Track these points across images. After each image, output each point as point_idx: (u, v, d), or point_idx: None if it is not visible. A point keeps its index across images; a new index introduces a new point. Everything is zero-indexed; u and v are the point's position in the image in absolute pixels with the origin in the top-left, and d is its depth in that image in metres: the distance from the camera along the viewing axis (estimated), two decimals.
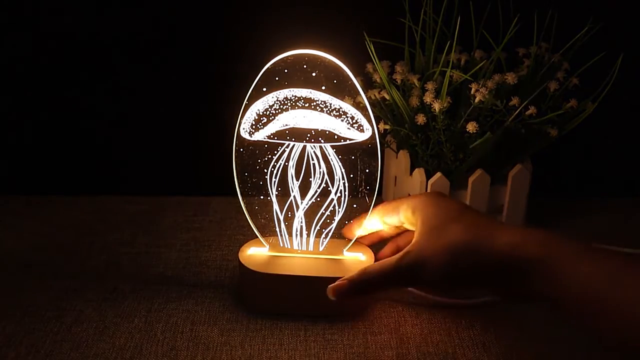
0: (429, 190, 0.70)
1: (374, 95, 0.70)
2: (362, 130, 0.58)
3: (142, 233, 0.74)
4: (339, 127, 0.57)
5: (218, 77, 0.77)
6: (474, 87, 0.65)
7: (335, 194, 0.60)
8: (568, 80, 0.68)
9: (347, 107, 0.57)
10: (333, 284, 0.56)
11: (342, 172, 0.60)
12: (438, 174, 0.69)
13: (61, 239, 0.73)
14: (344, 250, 0.62)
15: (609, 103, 0.66)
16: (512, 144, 0.69)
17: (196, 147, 0.82)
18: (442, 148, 0.68)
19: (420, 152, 0.70)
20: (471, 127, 0.65)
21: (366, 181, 0.60)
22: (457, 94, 0.67)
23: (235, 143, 0.60)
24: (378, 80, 0.69)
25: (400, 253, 0.54)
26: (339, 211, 0.61)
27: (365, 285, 0.55)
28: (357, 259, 0.62)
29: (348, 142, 0.58)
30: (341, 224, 0.61)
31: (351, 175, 0.60)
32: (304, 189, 0.60)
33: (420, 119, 0.66)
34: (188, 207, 0.80)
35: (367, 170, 0.60)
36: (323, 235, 0.62)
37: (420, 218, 0.55)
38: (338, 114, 0.57)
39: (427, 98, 0.65)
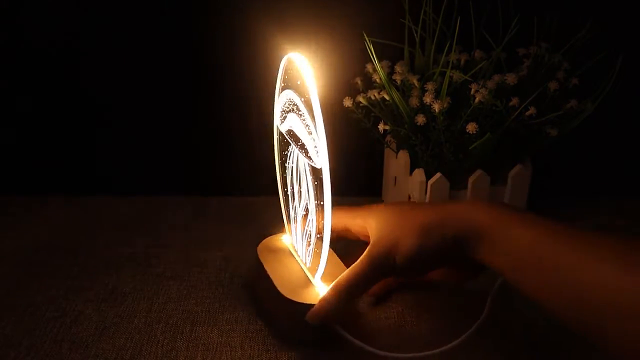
0: (428, 191, 0.70)
1: (374, 95, 0.70)
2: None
3: (142, 233, 0.74)
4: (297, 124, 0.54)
5: (218, 77, 0.77)
6: (474, 87, 0.65)
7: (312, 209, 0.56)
8: (568, 80, 0.68)
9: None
10: (311, 311, 0.55)
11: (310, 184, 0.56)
12: (438, 174, 0.69)
13: (61, 239, 0.73)
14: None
15: (609, 103, 0.66)
16: (512, 144, 0.69)
17: (196, 147, 0.82)
18: (442, 148, 0.68)
19: (420, 152, 0.70)
20: (471, 127, 0.65)
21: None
22: (457, 95, 0.67)
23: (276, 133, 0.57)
24: (378, 80, 0.69)
25: (366, 252, 0.54)
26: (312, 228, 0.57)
27: (342, 298, 0.54)
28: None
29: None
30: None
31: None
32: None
33: (420, 119, 0.66)
34: (188, 207, 0.81)
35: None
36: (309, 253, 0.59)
37: (373, 221, 0.56)
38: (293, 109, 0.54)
39: (427, 98, 0.65)
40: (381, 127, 0.69)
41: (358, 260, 0.54)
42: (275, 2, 0.73)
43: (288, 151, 0.57)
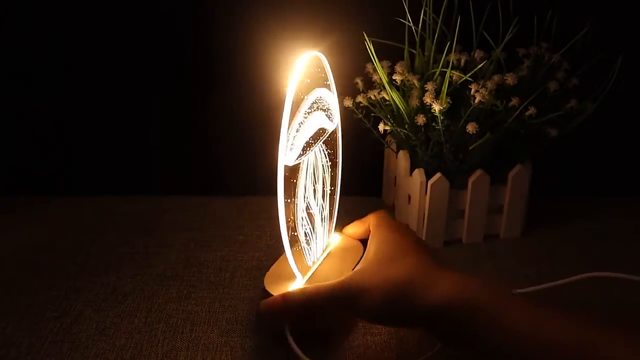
0: (428, 191, 0.70)
1: (374, 95, 0.70)
2: (332, 120, 0.58)
3: (142, 233, 0.74)
4: (327, 122, 0.57)
5: (218, 77, 0.77)
6: (474, 87, 0.65)
7: (335, 188, 0.61)
8: (568, 80, 0.68)
9: (328, 96, 0.57)
10: (266, 300, 0.54)
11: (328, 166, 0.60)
12: (438, 174, 0.69)
13: (61, 239, 0.73)
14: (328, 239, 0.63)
15: (609, 103, 0.66)
16: (512, 144, 0.69)
17: (196, 147, 0.82)
18: (442, 148, 0.68)
19: (420, 152, 0.70)
20: (471, 127, 0.65)
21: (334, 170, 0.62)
22: (457, 95, 0.67)
23: (284, 177, 0.52)
24: (378, 80, 0.69)
25: (343, 280, 0.52)
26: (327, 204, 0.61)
27: (300, 305, 0.53)
28: (337, 239, 0.63)
29: (329, 133, 0.58)
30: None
31: (330, 164, 0.60)
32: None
33: (420, 119, 0.66)
34: (188, 207, 0.81)
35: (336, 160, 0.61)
36: (326, 232, 0.62)
37: (373, 243, 0.55)
38: (325, 107, 0.57)
39: (427, 98, 0.65)
40: (381, 127, 0.69)
41: (336, 281, 0.53)
42: (276, 3, 0.73)
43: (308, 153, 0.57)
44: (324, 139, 0.58)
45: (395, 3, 0.68)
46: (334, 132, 0.60)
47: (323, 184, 0.60)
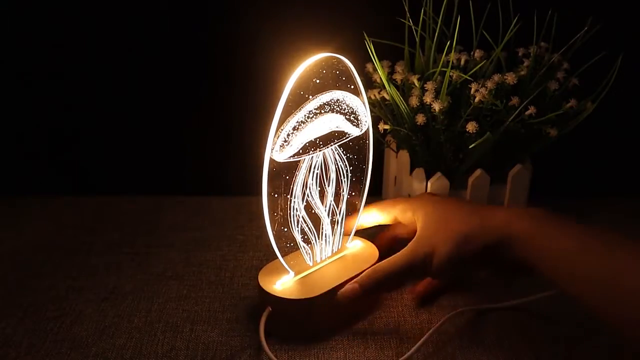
0: (428, 191, 0.70)
1: (374, 95, 0.70)
2: (361, 126, 0.58)
3: (142, 233, 0.74)
4: (347, 125, 0.57)
5: (217, 77, 0.77)
6: (473, 87, 0.65)
7: (349, 192, 0.60)
8: (568, 80, 0.68)
9: (353, 101, 0.57)
10: (343, 289, 0.57)
11: (348, 170, 0.60)
12: (438, 174, 0.69)
13: (61, 239, 0.73)
14: (347, 244, 0.63)
15: (609, 103, 0.66)
16: (512, 144, 0.69)
17: (196, 147, 0.82)
18: (442, 148, 0.68)
19: (420, 152, 0.70)
20: (471, 127, 0.65)
21: (361, 175, 0.61)
22: (457, 94, 0.67)
23: (268, 168, 0.54)
24: (378, 80, 0.69)
25: (408, 248, 0.56)
26: (342, 209, 0.61)
27: (376, 284, 0.57)
28: (358, 246, 0.63)
29: (350, 137, 0.58)
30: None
31: (350, 169, 0.60)
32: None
33: (420, 119, 0.66)
34: (188, 207, 0.81)
35: (363, 166, 0.61)
36: (338, 235, 0.62)
37: (421, 215, 0.58)
38: (346, 111, 0.56)
39: (427, 98, 0.65)
40: (381, 127, 0.69)
41: (399, 253, 0.56)
42: (276, 3, 0.73)
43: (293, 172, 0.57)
44: (341, 142, 0.57)
45: (395, 3, 0.68)
46: (359, 138, 0.59)
47: (339, 188, 0.59)
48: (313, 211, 0.59)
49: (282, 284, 0.58)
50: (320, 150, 0.55)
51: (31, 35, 0.75)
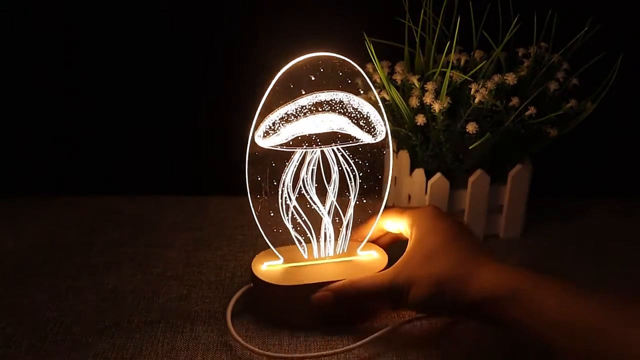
0: (428, 191, 0.70)
1: (374, 95, 0.70)
2: (374, 134, 0.57)
3: (142, 233, 0.74)
4: (353, 130, 0.56)
5: (217, 77, 0.77)
6: (473, 87, 0.65)
7: (354, 196, 0.60)
8: (568, 80, 0.68)
9: (364, 107, 0.56)
10: (317, 293, 0.57)
11: (356, 175, 0.59)
12: (438, 174, 0.69)
13: (61, 239, 0.73)
14: (358, 250, 0.62)
15: (609, 103, 0.66)
16: (512, 144, 0.69)
17: (196, 147, 0.82)
18: (442, 148, 0.68)
19: (420, 152, 0.70)
20: (471, 127, 0.65)
21: (375, 183, 0.61)
22: (456, 95, 0.67)
23: (249, 151, 0.56)
24: (378, 80, 0.69)
25: (390, 271, 0.55)
26: (351, 213, 0.60)
27: (348, 297, 0.56)
28: (372, 257, 0.62)
29: (359, 143, 0.57)
30: (355, 226, 0.61)
31: (360, 174, 0.60)
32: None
33: (420, 119, 0.66)
34: (188, 207, 0.81)
35: (379, 175, 0.60)
36: (343, 238, 0.61)
37: (414, 235, 0.56)
38: (355, 115, 0.56)
39: (427, 98, 0.65)
40: None
41: (382, 273, 0.56)
42: (276, 3, 0.73)
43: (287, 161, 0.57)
44: (347, 145, 0.56)
45: (395, 3, 0.68)
46: (373, 146, 0.58)
47: (345, 191, 0.59)
48: (309, 206, 0.59)
49: (269, 266, 0.59)
50: (316, 147, 0.55)
51: (31, 35, 0.75)
